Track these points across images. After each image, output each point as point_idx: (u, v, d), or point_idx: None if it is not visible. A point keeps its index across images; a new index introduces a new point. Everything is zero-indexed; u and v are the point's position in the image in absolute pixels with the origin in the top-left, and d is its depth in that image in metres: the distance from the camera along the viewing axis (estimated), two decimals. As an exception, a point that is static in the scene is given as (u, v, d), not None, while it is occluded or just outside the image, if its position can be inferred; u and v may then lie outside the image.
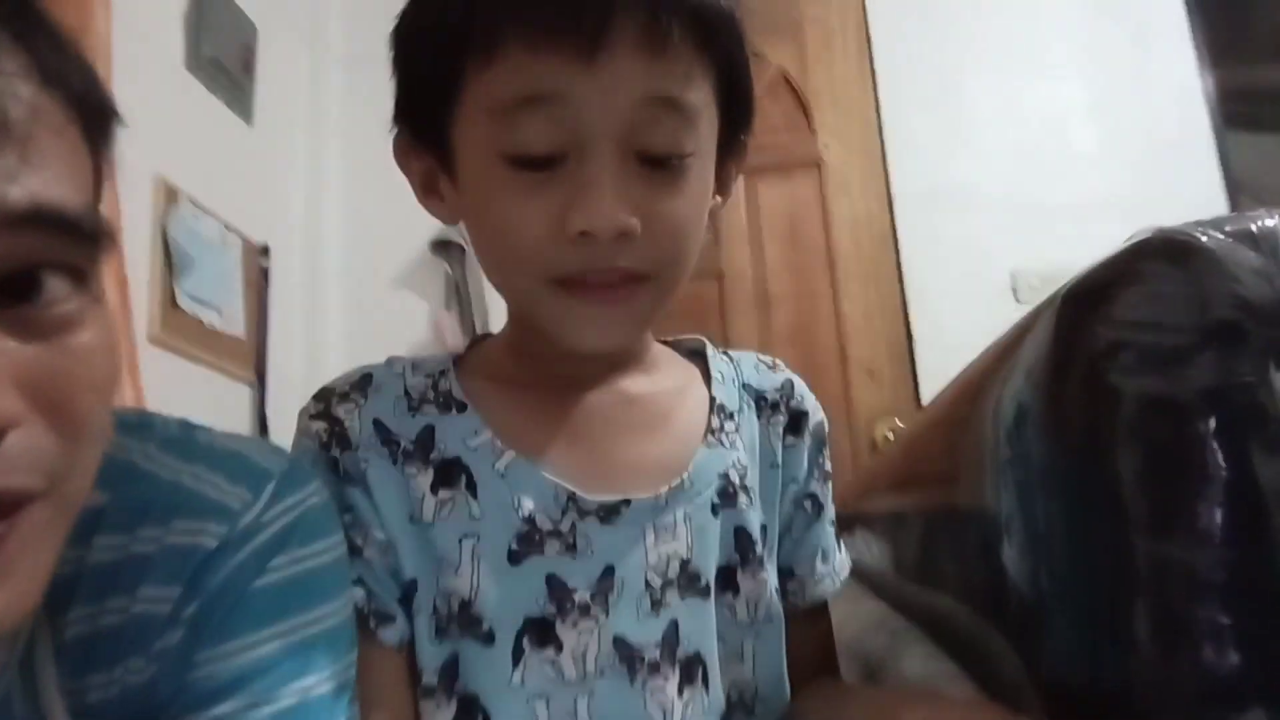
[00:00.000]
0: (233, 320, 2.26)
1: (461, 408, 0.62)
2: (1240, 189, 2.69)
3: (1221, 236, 0.50)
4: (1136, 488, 0.50)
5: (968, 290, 2.55)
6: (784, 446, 0.70)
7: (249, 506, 0.48)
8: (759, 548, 0.66)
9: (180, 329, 2.04)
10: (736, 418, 0.68)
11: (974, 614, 0.75)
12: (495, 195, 0.55)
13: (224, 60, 2.29)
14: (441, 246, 2.84)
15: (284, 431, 1.03)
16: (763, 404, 0.70)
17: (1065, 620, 0.57)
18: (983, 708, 0.61)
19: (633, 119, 0.53)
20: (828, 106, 2.83)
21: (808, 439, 0.71)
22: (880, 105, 2.80)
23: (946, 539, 0.83)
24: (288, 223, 2.63)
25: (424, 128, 0.60)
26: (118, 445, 0.44)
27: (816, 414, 0.72)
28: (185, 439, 0.50)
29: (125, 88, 0.69)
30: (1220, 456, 0.49)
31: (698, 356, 0.72)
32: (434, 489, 0.59)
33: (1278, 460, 0.48)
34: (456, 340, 2.78)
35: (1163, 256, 0.51)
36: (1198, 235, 0.50)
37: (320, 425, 0.60)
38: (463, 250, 2.80)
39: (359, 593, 0.56)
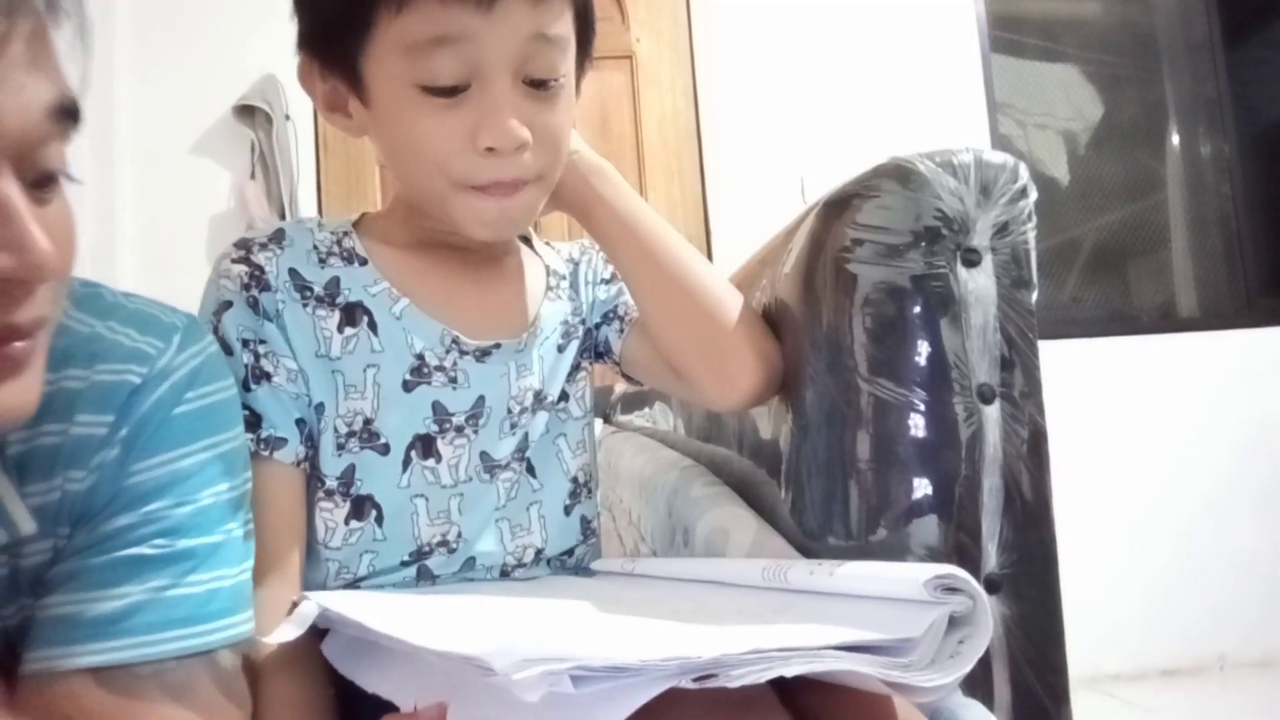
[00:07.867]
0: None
1: (363, 262, 0.75)
2: (998, 108, 3.05)
3: (933, 164, 0.67)
4: (864, 346, 0.68)
5: (761, 189, 2.77)
6: (595, 288, 0.88)
7: (162, 353, 0.58)
8: (581, 361, 0.84)
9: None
10: (569, 276, 0.86)
11: (744, 456, 0.94)
12: (410, 118, 0.67)
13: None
14: (246, 112, 2.69)
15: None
16: (574, 266, 0.87)
17: (811, 453, 0.75)
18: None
19: (522, 52, 0.66)
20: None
21: (615, 283, 0.87)
22: (690, 1, 2.93)
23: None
24: (75, 76, 2.46)
25: (333, 58, 0.69)
26: None
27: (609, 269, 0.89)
28: (94, 296, 0.59)
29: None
30: (921, 324, 0.67)
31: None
32: (340, 328, 0.72)
33: (956, 330, 0.67)
34: (263, 212, 2.70)
35: (893, 177, 0.68)
36: (917, 163, 0.67)
37: (242, 269, 0.71)
38: (269, 117, 2.70)
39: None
